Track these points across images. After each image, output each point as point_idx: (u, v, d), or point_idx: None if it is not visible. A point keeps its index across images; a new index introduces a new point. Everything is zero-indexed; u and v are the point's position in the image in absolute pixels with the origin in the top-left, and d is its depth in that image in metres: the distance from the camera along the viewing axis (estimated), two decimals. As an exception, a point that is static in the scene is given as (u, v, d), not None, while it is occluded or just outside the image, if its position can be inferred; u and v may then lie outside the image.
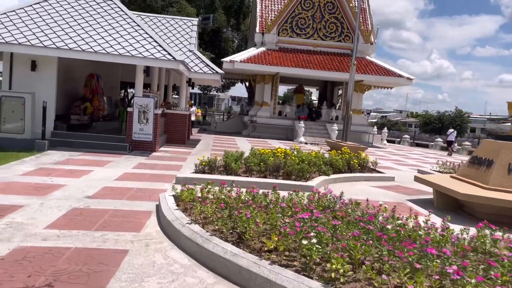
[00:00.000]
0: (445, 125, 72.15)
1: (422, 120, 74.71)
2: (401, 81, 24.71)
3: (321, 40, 26.23)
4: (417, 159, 19.40)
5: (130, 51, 12.33)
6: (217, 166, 9.23)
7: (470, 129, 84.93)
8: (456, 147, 27.67)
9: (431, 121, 72.41)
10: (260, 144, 20.30)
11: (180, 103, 17.04)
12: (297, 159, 9.81)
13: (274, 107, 26.26)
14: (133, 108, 13.01)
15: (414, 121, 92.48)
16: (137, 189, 7.65)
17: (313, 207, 4.97)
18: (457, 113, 76.19)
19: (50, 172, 8.63)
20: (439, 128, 68.56)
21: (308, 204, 5.49)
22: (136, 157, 11.93)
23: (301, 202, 5.84)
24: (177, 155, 13.20)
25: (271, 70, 24.09)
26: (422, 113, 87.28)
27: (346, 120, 18.30)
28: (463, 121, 75.04)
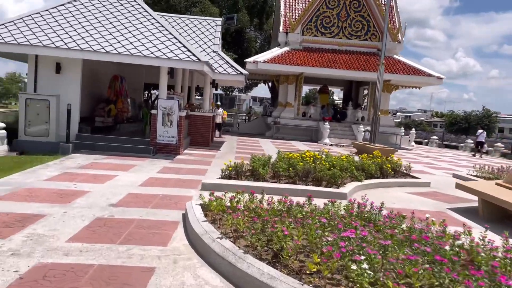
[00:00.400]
0: (472, 125, 70.08)
1: (447, 120, 72.79)
2: (430, 80, 23.85)
3: (346, 39, 25.59)
4: (449, 161, 18.60)
5: (154, 52, 12.09)
6: (244, 171, 8.85)
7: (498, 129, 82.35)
8: (486, 148, 26.59)
9: (457, 121, 70.50)
10: (285, 146, 19.86)
11: (204, 104, 16.76)
12: (327, 164, 9.34)
13: (298, 108, 25.77)
14: (157, 110, 12.78)
15: (439, 121, 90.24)
16: (162, 196, 7.34)
17: (356, 222, 4.52)
18: (484, 112, 73.86)
19: (74, 177, 8.42)
20: (466, 128, 66.63)
21: (347, 216, 5.04)
22: (160, 160, 11.68)
23: (338, 213, 5.40)
24: (201, 158, 12.89)
25: (295, 70, 23.61)
26: (448, 112, 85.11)
27: (375, 121, 17.68)
28: (491, 121, 72.65)
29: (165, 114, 12.78)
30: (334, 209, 5.48)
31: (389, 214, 5.17)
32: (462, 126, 70.35)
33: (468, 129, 68.03)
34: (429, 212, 7.52)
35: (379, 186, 9.75)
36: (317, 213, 5.11)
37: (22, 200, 6.38)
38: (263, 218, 4.61)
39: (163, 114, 12.77)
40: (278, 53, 24.33)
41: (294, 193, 8.03)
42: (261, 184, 8.22)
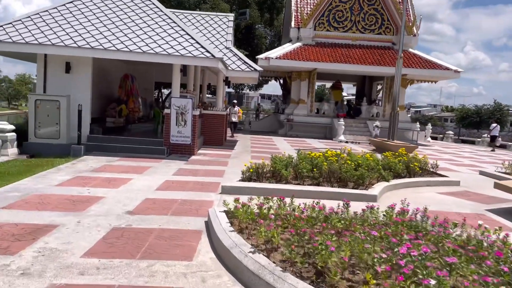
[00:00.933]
0: (484, 119, 68.73)
1: (458, 114, 71.56)
2: (448, 74, 23.12)
3: (360, 33, 24.94)
4: (470, 157, 17.93)
5: (166, 50, 11.64)
6: (264, 172, 8.35)
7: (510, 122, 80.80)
8: (500, 141, 25.72)
9: (468, 115, 69.25)
10: (300, 144, 19.34)
11: (217, 103, 16.30)
12: (353, 163, 8.81)
13: (311, 104, 25.18)
14: (170, 109, 12.33)
15: (450, 115, 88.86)
16: (181, 201, 6.87)
17: (408, 234, 4.00)
18: (496, 106, 72.43)
19: (87, 181, 7.99)
20: (477, 122, 65.42)
21: (392, 224, 4.52)
22: (175, 161, 11.23)
23: (379, 219, 4.89)
24: (217, 158, 12.43)
25: (308, 66, 23.03)
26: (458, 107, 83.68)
27: (393, 117, 17.08)
28: (503, 114, 71.15)
29: (179, 114, 12.33)
30: (373, 215, 4.97)
31: (435, 220, 4.65)
32: (473, 120, 69.22)
33: (479, 123, 66.78)
34: (467, 214, 6.97)
35: (408, 186, 9.20)
36: (358, 221, 4.60)
37: (33, 208, 5.96)
38: (300, 229, 4.11)
39: (176, 113, 12.32)
40: (290, 49, 23.76)
41: (320, 196, 7.53)
42: (284, 186, 7.73)
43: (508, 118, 74.98)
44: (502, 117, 71.01)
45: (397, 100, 17.11)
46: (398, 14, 24.37)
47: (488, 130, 25.54)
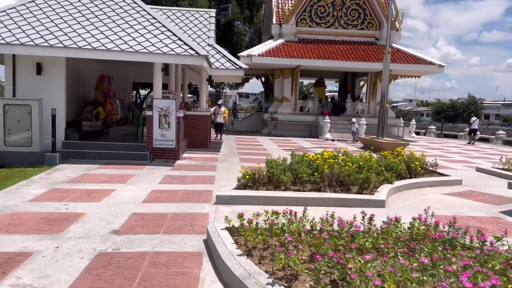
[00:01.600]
0: (459, 113, 70.02)
1: (434, 108, 72.59)
2: (432, 68, 22.95)
3: (342, 28, 24.53)
4: (460, 153, 17.71)
5: (147, 47, 10.83)
6: (261, 178, 7.70)
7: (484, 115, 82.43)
8: (479, 135, 25.95)
9: (444, 109, 70.34)
10: (285, 143, 18.77)
11: (200, 103, 15.54)
12: (354, 165, 8.24)
13: (295, 102, 24.65)
14: (152, 112, 11.52)
15: (426, 110, 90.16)
16: (173, 215, 6.15)
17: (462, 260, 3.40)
18: (470, 100, 73.93)
19: (64, 194, 7.17)
20: (453, 116, 66.55)
21: (428, 241, 3.94)
22: (159, 167, 10.46)
23: (407, 233, 4.30)
24: (204, 162, 11.70)
25: (292, 63, 22.47)
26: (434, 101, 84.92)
27: (382, 114, 16.68)
28: (477, 107, 72.81)
29: (162, 116, 11.55)
30: (399, 230, 4.38)
31: (464, 231, 4.09)
32: (448, 114, 70.43)
33: (455, 117, 67.94)
34: (484, 219, 6.50)
35: (411, 188, 8.72)
36: (387, 236, 3.99)
37: (3, 231, 5.15)
38: (326, 253, 3.48)
39: (159, 115, 11.53)
40: (272, 46, 23.14)
41: (323, 203, 6.95)
42: (284, 193, 7.10)
43: (482, 111, 76.71)
44: (476, 110, 72.71)
45: (386, 96, 16.72)
46: (380, 8, 24.08)
47: (469, 123, 25.76)
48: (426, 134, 31.95)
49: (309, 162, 8.45)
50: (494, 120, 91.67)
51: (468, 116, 68.71)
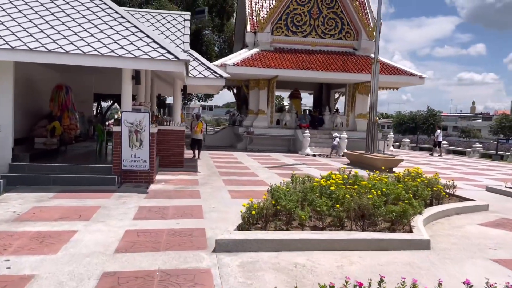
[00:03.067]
0: (419, 125, 71.47)
1: (395, 121, 73.65)
2: (413, 80, 22.21)
3: (320, 38, 23.45)
4: (450, 168, 16.76)
5: (115, 50, 9.03)
6: (268, 213, 6.06)
7: (443, 127, 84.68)
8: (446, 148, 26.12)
9: (404, 121, 71.63)
10: (265, 159, 17.23)
11: (174, 117, 13.74)
12: (376, 192, 6.76)
13: (271, 115, 23.23)
14: (120, 127, 9.66)
15: (387, 122, 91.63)
16: (161, 273, 4.40)
17: None
18: (429, 112, 75.80)
19: (6, 242, 5.25)
20: (413, 128, 67.64)
21: None
22: (130, 195, 8.61)
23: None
24: (183, 186, 9.92)
25: (269, 73, 21.07)
26: (394, 113, 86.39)
27: (372, 127, 15.48)
28: (436, 120, 74.74)
29: (132, 132, 9.70)
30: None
31: None
32: (409, 126, 71.68)
33: (415, 129, 69.12)
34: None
35: (438, 217, 7.34)
36: None
37: None
38: None
39: (129, 131, 9.68)
40: (248, 55, 21.68)
41: (352, 245, 5.42)
42: (305, 235, 5.51)
43: (441, 123, 78.80)
44: (435, 122, 74.58)
45: (375, 108, 15.54)
46: (358, 18, 23.22)
47: (434, 136, 26.04)
48: (400, 147, 31.34)
49: (321, 188, 6.91)
50: (452, 132, 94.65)
51: (428, 128, 70.24)
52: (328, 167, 15.49)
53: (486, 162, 21.18)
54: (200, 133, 15.61)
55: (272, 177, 12.11)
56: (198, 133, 15.50)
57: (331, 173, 8.14)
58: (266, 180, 11.44)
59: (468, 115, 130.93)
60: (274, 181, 11.26)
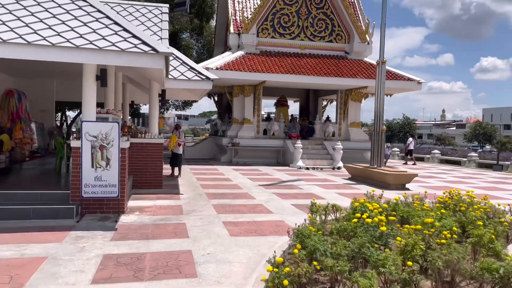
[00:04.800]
0: (395, 133, 71.34)
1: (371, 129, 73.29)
2: (411, 85, 20.58)
3: (309, 40, 21.60)
4: (462, 182, 15.01)
5: (71, 40, 6.76)
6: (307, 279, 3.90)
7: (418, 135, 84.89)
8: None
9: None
10: (255, 174, 15.10)
11: (151, 127, 11.45)
12: (447, 232, 4.70)
13: (257, 124, 21.13)
14: (81, 142, 7.34)
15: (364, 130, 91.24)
16: None
17: None
18: (405, 120, 75.89)
19: None
20: (389, 136, 67.17)
21: None
22: (93, 234, 6.31)
23: None
24: (164, 218, 7.64)
25: (256, 78, 19.01)
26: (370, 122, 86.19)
27: (378, 137, 13.57)
28: (411, 128, 74.84)
29: (96, 148, 7.39)
30: None
31: None
32: (386, 134, 71.17)
33: (391, 137, 68.74)
34: None
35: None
36: None
37: None
38: None
39: (92, 147, 7.36)
40: (231, 59, 19.58)
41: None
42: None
43: (416, 131, 78.96)
44: (411, 130, 74.77)
45: (381, 116, 13.66)
46: (350, 19, 21.50)
47: (406, 144, 25.12)
48: (390, 157, 29.74)
49: (366, 227, 4.83)
50: (427, 140, 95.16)
51: (404, 136, 70.08)
52: (330, 183, 13.48)
53: (491, 174, 19.61)
54: (179, 146, 13.23)
55: (272, 199, 9.98)
56: (177, 147, 13.15)
57: (361, 201, 6.09)
58: (266, 204, 9.31)
59: (442, 122, 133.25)
60: (275, 205, 9.19)
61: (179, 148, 13.17)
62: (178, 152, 13.20)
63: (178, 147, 13.10)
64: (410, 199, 7.15)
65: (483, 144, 70.78)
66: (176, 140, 13.09)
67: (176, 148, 13.06)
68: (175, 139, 13.05)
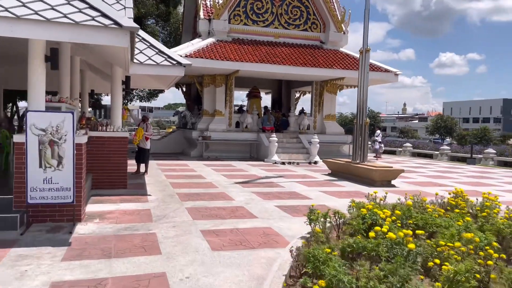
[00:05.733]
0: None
1: (337, 122, 73.94)
2: (388, 77, 19.95)
3: (283, 28, 20.55)
4: (434, 176, 14.46)
5: (10, 9, 5.39)
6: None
7: (381, 128, 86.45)
8: (383, 148, 24.62)
9: (346, 123, 72.06)
10: (229, 170, 13.98)
11: (113, 119, 10.07)
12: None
13: (230, 117, 19.96)
14: (25, 136, 5.98)
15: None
16: None
17: None
18: (369, 113, 76.99)
19: None
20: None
21: None
22: (39, 251, 5.04)
23: None
24: (129, 226, 6.41)
25: (228, 67, 17.81)
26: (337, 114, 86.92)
27: (362, 131, 12.75)
28: (376, 121, 76.05)
29: (45, 144, 6.05)
30: None
31: None
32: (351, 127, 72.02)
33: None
34: None
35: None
36: None
37: None
38: None
39: (40, 143, 6.02)
40: (202, 46, 18.28)
41: None
42: None
43: (380, 124, 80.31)
44: (375, 123, 76.03)
45: (364, 107, 12.82)
46: (326, 7, 20.62)
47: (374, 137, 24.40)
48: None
49: (388, 244, 3.83)
50: (390, 132, 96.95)
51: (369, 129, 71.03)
52: (311, 180, 12.56)
53: (468, 167, 19.33)
54: (147, 140, 11.88)
55: (253, 200, 8.91)
56: (145, 141, 11.79)
57: (368, 207, 5.12)
58: (247, 206, 8.22)
59: (405, 116, 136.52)
60: (258, 208, 8.12)
61: (146, 143, 11.84)
62: (145, 147, 11.85)
63: (146, 141, 11.76)
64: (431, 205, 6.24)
65: (444, 136, 72.69)
66: (143, 134, 11.75)
67: (143, 142, 11.72)
68: (141, 132, 11.69)
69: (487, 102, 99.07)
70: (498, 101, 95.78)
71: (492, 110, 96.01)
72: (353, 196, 9.74)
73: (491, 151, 21.78)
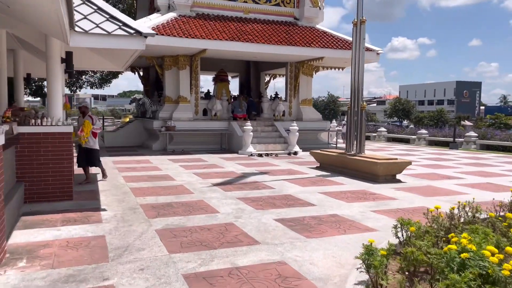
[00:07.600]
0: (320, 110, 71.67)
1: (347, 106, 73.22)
2: (371, 56, 18.16)
3: (253, 3, 18.31)
4: (438, 166, 12.96)
5: None
6: None
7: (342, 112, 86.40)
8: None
9: (321, 109, 71.74)
10: (201, 167, 11.80)
11: (50, 108, 7.57)
12: None
13: (196, 103, 17.62)
14: None
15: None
16: None
17: None
18: (329, 98, 76.55)
19: None
20: (315, 113, 67.33)
21: None
22: None
23: None
24: (73, 276, 4.14)
25: (194, 46, 15.40)
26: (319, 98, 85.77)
27: (359, 117, 10.89)
28: (336, 105, 75.77)
29: None
30: None
31: None
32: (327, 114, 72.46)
33: (317, 115, 69.07)
34: None
35: None
36: None
37: None
38: None
39: None
40: (162, 21, 15.72)
41: None
42: None
43: (340, 108, 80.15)
44: (335, 107, 75.77)
45: (360, 90, 10.95)
46: (300, -21, 18.51)
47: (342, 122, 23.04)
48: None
49: None
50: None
51: (329, 113, 70.27)
52: (301, 176, 10.60)
53: (458, 153, 18.10)
54: (94, 138, 9.17)
55: (243, 211, 6.81)
56: (93, 138, 9.10)
57: (463, 242, 3.17)
58: (238, 223, 6.12)
59: (364, 99, 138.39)
60: (254, 225, 5.91)
61: (95, 141, 9.13)
62: (95, 146, 9.14)
63: (94, 138, 9.08)
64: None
65: (402, 119, 73.35)
66: (91, 129, 9.05)
67: (92, 140, 9.01)
68: (89, 126, 8.97)
69: (441, 85, 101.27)
70: (451, 84, 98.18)
71: (446, 92, 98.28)
72: (361, 198, 7.93)
73: (473, 134, 20.76)
